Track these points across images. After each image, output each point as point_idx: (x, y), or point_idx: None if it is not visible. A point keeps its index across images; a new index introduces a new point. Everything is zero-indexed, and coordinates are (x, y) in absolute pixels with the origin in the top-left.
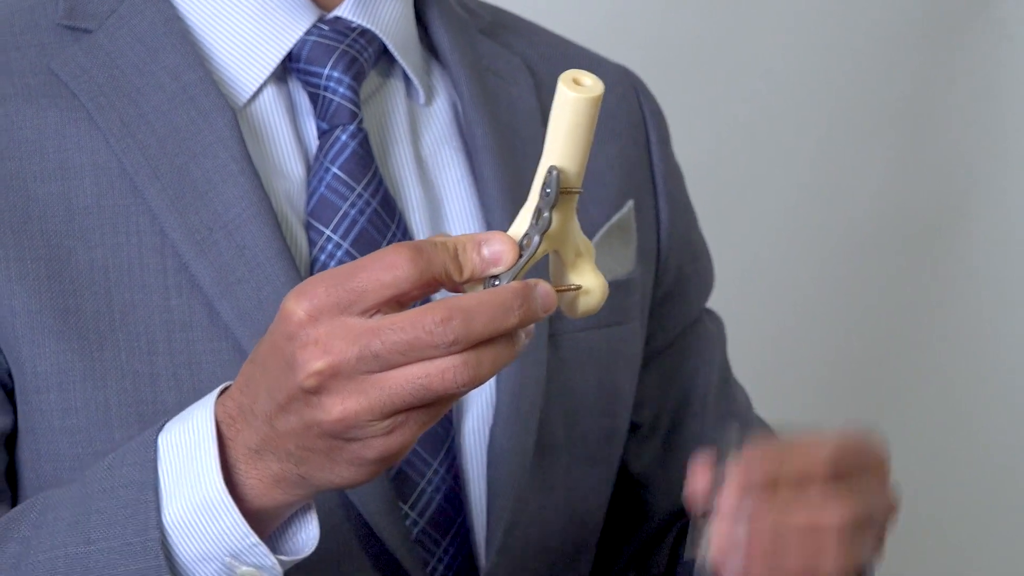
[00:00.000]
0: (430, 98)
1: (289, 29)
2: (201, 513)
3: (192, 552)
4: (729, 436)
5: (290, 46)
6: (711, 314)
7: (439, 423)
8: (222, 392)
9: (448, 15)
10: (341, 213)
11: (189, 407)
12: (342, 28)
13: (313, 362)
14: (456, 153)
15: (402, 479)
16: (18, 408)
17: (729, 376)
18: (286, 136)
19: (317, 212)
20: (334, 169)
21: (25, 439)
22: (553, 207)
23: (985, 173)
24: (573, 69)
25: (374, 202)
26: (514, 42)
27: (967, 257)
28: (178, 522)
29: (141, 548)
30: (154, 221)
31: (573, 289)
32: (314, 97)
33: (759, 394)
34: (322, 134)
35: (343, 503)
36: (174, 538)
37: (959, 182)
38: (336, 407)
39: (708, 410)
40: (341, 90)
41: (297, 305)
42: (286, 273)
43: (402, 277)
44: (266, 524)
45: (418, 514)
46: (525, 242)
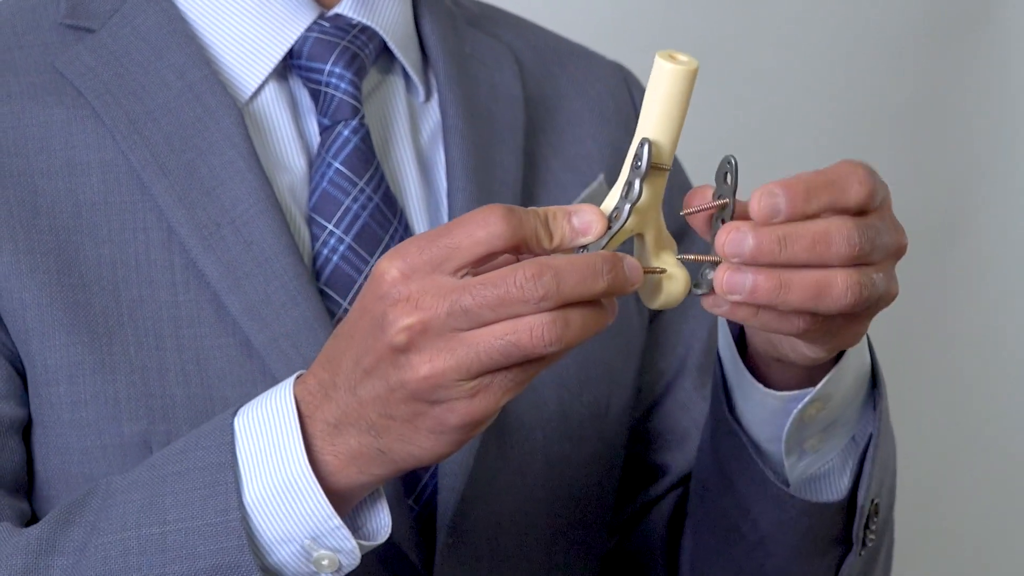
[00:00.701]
0: (429, 95)
1: (290, 26)
2: (283, 493)
3: (273, 533)
4: (723, 165)
5: (291, 43)
6: None
7: None
8: (299, 375)
9: (434, 6)
10: (343, 208)
11: (266, 391)
12: (343, 25)
13: (404, 318)
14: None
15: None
16: (29, 401)
17: (714, 344)
18: (288, 132)
19: (319, 207)
20: (336, 164)
21: (35, 432)
22: (644, 179)
23: (990, 174)
24: (667, 49)
25: (376, 197)
26: (502, 32)
27: (973, 258)
28: (259, 502)
29: (223, 528)
30: (161, 217)
31: (659, 271)
32: (315, 93)
33: None
34: (324, 130)
35: None
36: (255, 518)
37: (964, 184)
38: (424, 365)
39: (698, 373)
40: (343, 86)
41: (391, 264)
42: (293, 268)
43: (495, 233)
44: (340, 508)
45: (414, 501)
46: (615, 215)
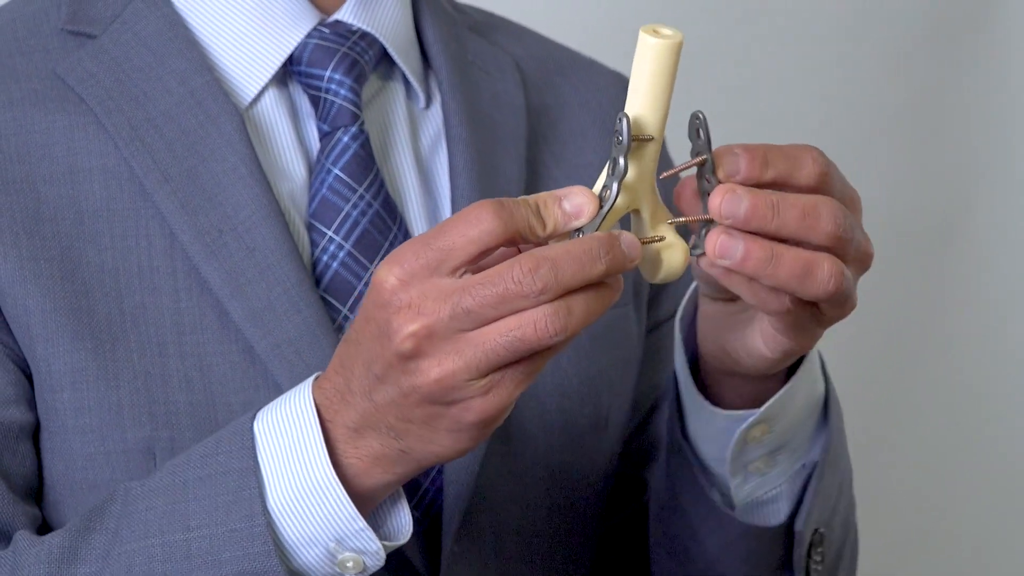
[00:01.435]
0: (429, 101)
1: (290, 32)
2: (307, 496)
3: (297, 536)
4: (692, 121)
5: (291, 49)
6: None
7: None
8: (316, 377)
9: (436, 13)
10: (343, 214)
11: (282, 395)
12: (342, 31)
13: (408, 325)
14: (447, 152)
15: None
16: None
17: None
18: (288, 138)
19: (319, 213)
20: (336, 171)
21: (41, 437)
22: (627, 154)
23: (989, 174)
24: (651, 23)
25: (375, 203)
26: (504, 41)
27: (972, 257)
28: (283, 506)
29: (248, 534)
30: (163, 224)
31: (657, 240)
32: (315, 100)
33: None
34: (323, 136)
35: None
36: (279, 522)
37: (963, 184)
38: (433, 369)
39: None
40: (343, 92)
41: (388, 272)
42: (296, 274)
43: (487, 230)
44: (362, 509)
45: (414, 507)
46: (604, 193)
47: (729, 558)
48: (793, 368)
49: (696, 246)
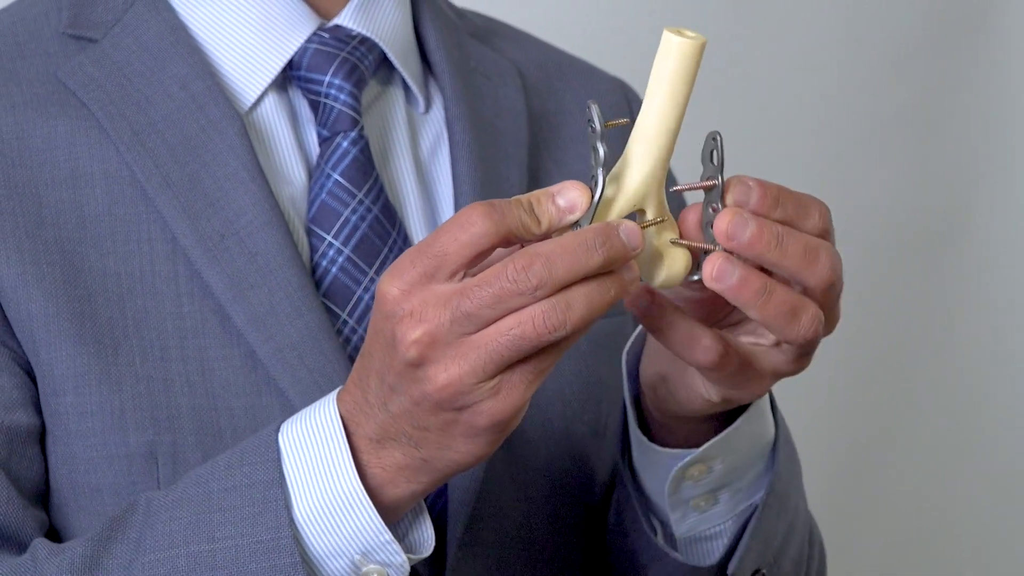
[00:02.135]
0: (429, 106)
1: (290, 37)
2: (334, 508)
3: (323, 548)
4: (708, 142)
5: (291, 54)
6: None
7: None
8: (340, 390)
9: (437, 18)
10: (342, 220)
11: (305, 408)
12: (342, 36)
13: (411, 333)
14: (448, 158)
15: None
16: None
17: None
18: (288, 143)
19: (318, 218)
20: (335, 176)
21: (45, 441)
22: (602, 140)
23: (990, 176)
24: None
25: (375, 209)
26: (505, 47)
27: (973, 259)
28: (309, 518)
29: (274, 546)
30: (165, 229)
31: (658, 222)
32: (314, 105)
33: None
34: (323, 141)
35: None
36: (305, 534)
37: (964, 186)
38: (440, 375)
39: None
40: (342, 97)
41: (390, 284)
42: (298, 279)
43: (478, 233)
44: (387, 521)
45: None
46: (593, 184)
47: None
48: (741, 409)
49: (692, 273)
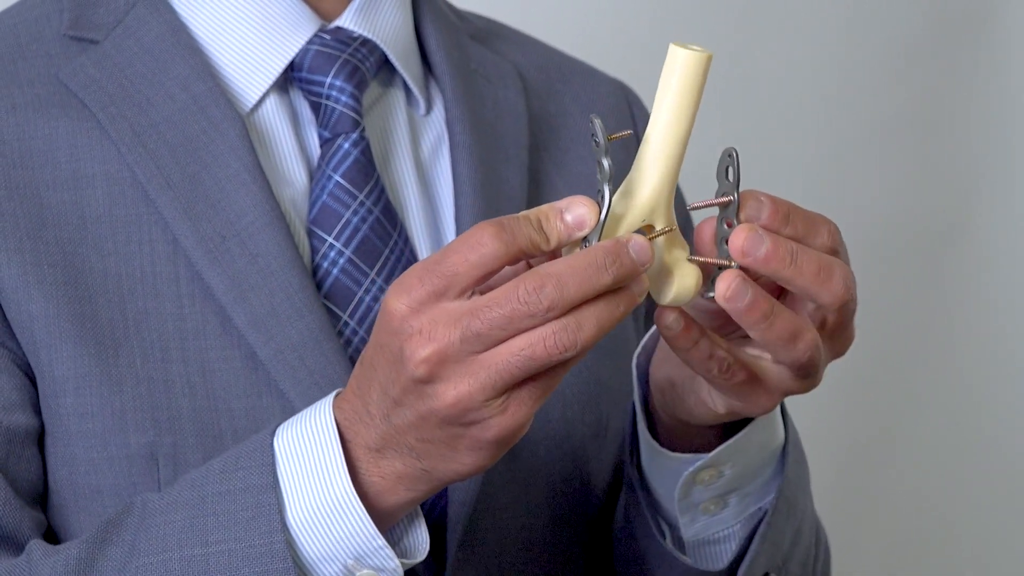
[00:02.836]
0: (430, 108)
1: (291, 39)
2: (327, 514)
3: (316, 553)
4: (724, 158)
5: (292, 55)
6: None
7: None
8: (337, 395)
9: (438, 20)
10: (343, 221)
11: (301, 412)
12: (343, 38)
13: (420, 351)
14: (448, 159)
15: None
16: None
17: None
18: (289, 144)
19: (319, 220)
20: (336, 177)
21: (44, 442)
22: (607, 155)
23: (991, 177)
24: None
25: (376, 210)
26: (506, 49)
27: (974, 260)
28: (302, 523)
29: (267, 551)
30: (166, 230)
31: (667, 231)
32: (316, 106)
33: None
34: (324, 142)
35: None
36: (298, 539)
37: (965, 186)
38: (449, 392)
39: None
40: (344, 99)
41: (398, 300)
42: (299, 280)
43: (488, 254)
44: (381, 527)
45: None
46: (600, 199)
47: None
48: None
49: (707, 289)
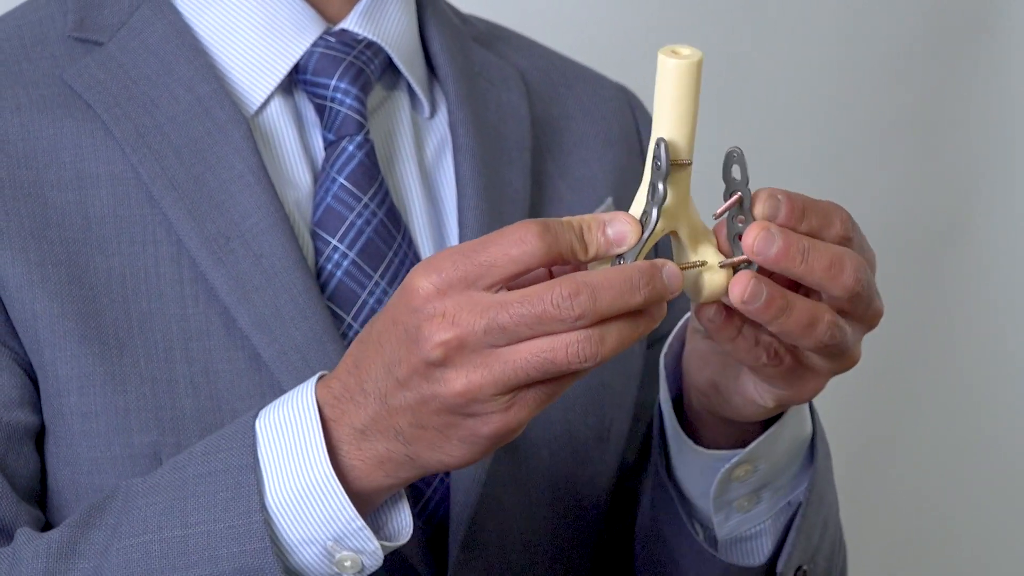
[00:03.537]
0: (434, 111)
1: (296, 41)
2: (306, 496)
3: (296, 535)
4: (729, 157)
5: (297, 58)
6: None
7: None
8: (321, 376)
9: (442, 23)
10: (347, 223)
11: (287, 392)
12: (348, 40)
13: (439, 334)
14: (452, 162)
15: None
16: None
17: None
18: (294, 146)
19: (324, 222)
20: (341, 179)
21: (46, 441)
22: (666, 179)
23: (991, 178)
24: (669, 45)
25: (380, 212)
26: (508, 52)
27: (974, 261)
28: (282, 505)
29: (245, 531)
30: (170, 231)
31: (698, 265)
32: (320, 108)
33: None
34: (328, 145)
35: None
36: (278, 521)
37: (965, 188)
38: (459, 380)
39: None
40: (348, 101)
41: (425, 279)
42: (303, 281)
43: (529, 252)
44: (362, 509)
45: (416, 515)
46: (644, 219)
47: None
48: None
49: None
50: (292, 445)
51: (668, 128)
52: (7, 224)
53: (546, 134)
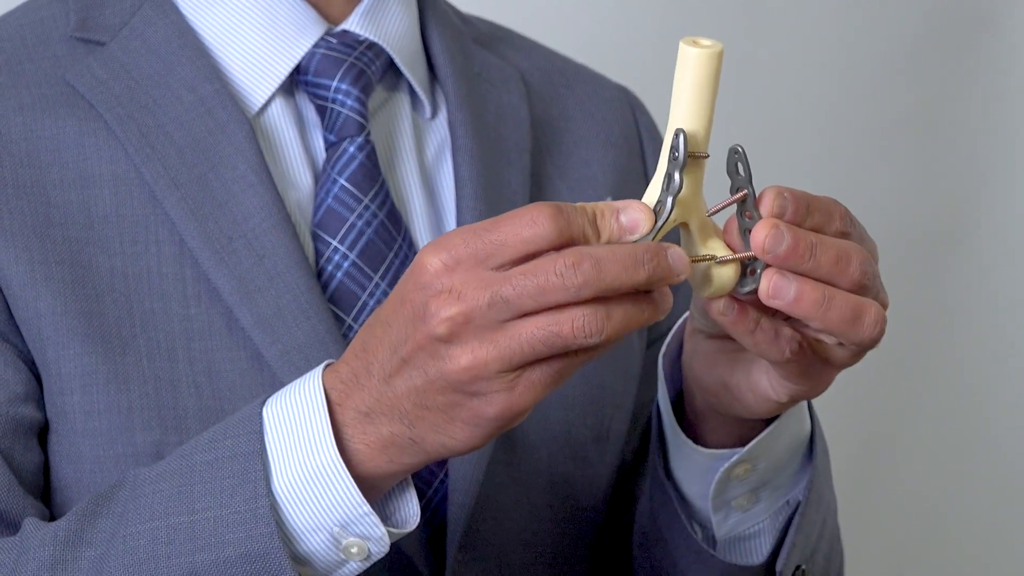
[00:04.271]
0: (435, 112)
1: (297, 42)
2: (313, 481)
3: (303, 521)
4: (731, 155)
5: (298, 59)
6: None
7: None
8: (329, 364)
9: (443, 24)
10: (348, 224)
11: (294, 381)
12: (349, 41)
13: (445, 309)
14: (451, 163)
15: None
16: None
17: None
18: (295, 147)
19: (324, 223)
20: (341, 181)
21: (49, 440)
22: (682, 170)
23: (993, 180)
24: (689, 36)
25: (380, 214)
26: (509, 53)
27: (976, 262)
28: (288, 490)
29: (251, 516)
30: (173, 231)
31: (708, 259)
32: (321, 109)
33: None
34: (329, 146)
35: None
36: (285, 506)
37: (967, 189)
38: (465, 355)
39: None
40: (349, 102)
41: (434, 256)
42: (305, 281)
43: (542, 234)
44: (369, 496)
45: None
46: (658, 208)
47: None
48: None
49: (743, 284)
50: (299, 430)
51: (686, 119)
52: (10, 223)
53: (546, 135)
